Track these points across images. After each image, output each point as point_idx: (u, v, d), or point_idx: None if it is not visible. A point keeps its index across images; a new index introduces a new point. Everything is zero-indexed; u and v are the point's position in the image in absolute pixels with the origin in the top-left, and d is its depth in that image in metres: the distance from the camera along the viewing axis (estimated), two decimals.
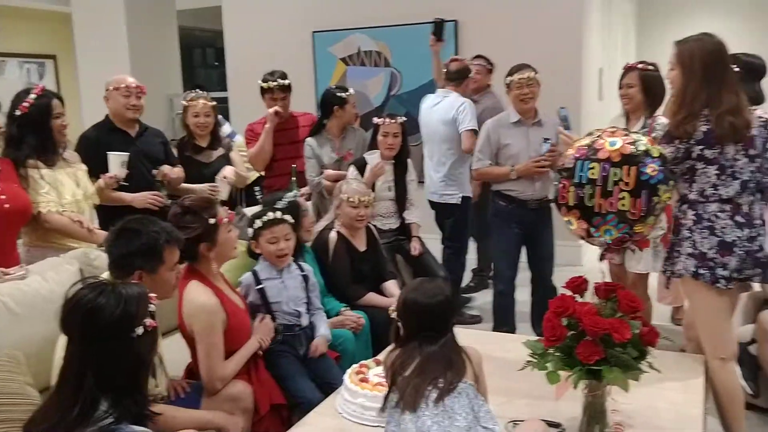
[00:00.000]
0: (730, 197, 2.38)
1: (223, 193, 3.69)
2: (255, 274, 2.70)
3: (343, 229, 3.32)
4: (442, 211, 4.43)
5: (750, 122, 2.38)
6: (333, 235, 3.28)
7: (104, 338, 1.53)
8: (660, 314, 3.50)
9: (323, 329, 2.76)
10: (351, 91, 4.10)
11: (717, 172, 2.37)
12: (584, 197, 2.00)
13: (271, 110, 3.99)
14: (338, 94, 4.03)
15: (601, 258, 2.15)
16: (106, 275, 2.19)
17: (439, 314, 1.85)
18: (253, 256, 2.89)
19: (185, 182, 3.66)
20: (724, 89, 2.34)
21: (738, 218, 2.38)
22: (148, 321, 1.58)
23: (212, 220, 2.36)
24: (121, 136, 3.45)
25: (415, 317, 1.85)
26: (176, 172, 3.58)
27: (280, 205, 2.87)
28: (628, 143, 1.96)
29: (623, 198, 1.95)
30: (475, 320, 4.53)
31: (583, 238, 2.07)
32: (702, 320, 2.50)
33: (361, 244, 3.37)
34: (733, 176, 2.37)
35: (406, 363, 1.81)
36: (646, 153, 1.97)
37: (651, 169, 1.96)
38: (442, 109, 4.31)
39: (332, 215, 3.41)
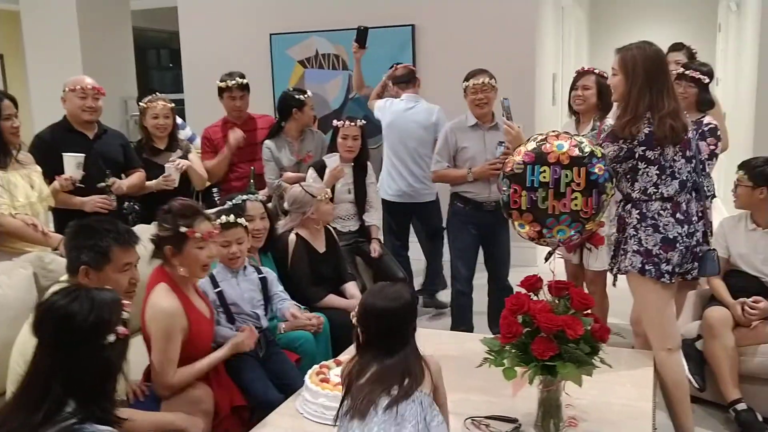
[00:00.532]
0: (670, 196, 2.51)
1: (175, 181, 3.67)
2: (212, 277, 2.69)
3: (303, 230, 3.33)
4: (412, 210, 4.51)
5: (687, 126, 2.54)
6: (292, 237, 3.29)
7: (75, 344, 1.53)
8: (618, 312, 3.60)
9: (288, 303, 2.84)
10: (309, 93, 4.12)
11: (657, 172, 2.50)
12: (537, 200, 2.05)
13: (232, 140, 3.98)
14: (297, 96, 4.04)
15: (547, 259, 2.21)
16: (64, 278, 2.17)
17: (399, 319, 1.80)
18: None
19: None
20: (665, 94, 2.47)
21: (678, 216, 2.51)
22: (120, 329, 1.58)
23: (183, 229, 2.34)
24: (78, 137, 3.39)
25: (375, 322, 1.80)
26: (129, 183, 3.52)
27: (228, 205, 2.89)
28: (573, 146, 2.04)
29: (576, 198, 2.03)
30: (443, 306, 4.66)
31: (533, 239, 2.13)
32: (648, 314, 2.61)
33: (320, 246, 3.38)
34: (672, 176, 2.50)
35: (362, 371, 1.76)
36: (592, 154, 2.04)
37: (598, 168, 2.04)
38: (420, 113, 4.41)
39: (290, 220, 3.38)
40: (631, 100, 2.46)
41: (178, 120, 4.92)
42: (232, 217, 2.70)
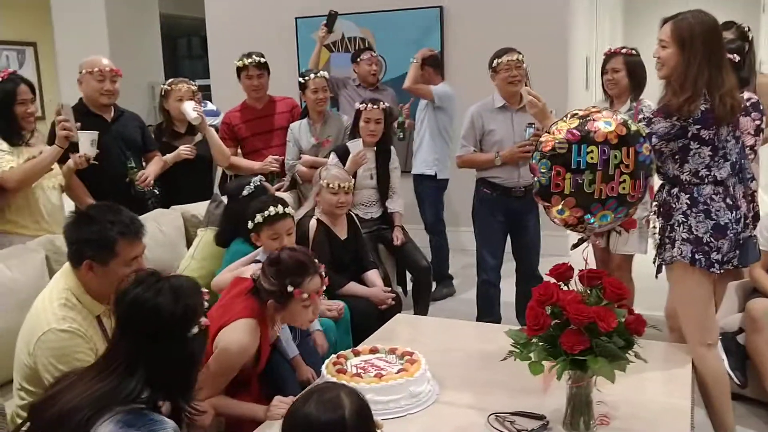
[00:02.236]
0: (723, 179, 2.33)
1: (197, 119, 3.62)
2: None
3: (324, 216, 3.23)
4: None
5: (741, 103, 2.34)
6: (313, 223, 3.20)
7: (162, 338, 1.52)
8: (644, 301, 3.44)
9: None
10: (315, 74, 3.95)
11: (710, 153, 2.31)
12: (583, 183, 1.86)
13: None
14: (299, 78, 3.98)
15: (576, 246, 2.07)
16: None
17: None
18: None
19: None
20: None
21: (728, 200, 2.34)
22: (203, 320, 1.58)
23: (290, 288, 2.13)
24: (96, 120, 3.33)
25: None
26: (155, 173, 3.47)
27: (246, 191, 2.84)
28: (620, 124, 1.88)
29: (624, 181, 1.86)
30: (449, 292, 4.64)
31: (570, 226, 1.97)
32: (690, 307, 2.43)
33: (342, 232, 3.28)
34: (724, 157, 2.33)
35: None
36: (638, 133, 1.88)
37: (646, 148, 1.88)
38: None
39: (312, 203, 3.32)
40: (689, 74, 2.25)
41: (212, 106, 4.87)
42: (280, 208, 2.59)
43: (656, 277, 2.59)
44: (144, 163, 3.55)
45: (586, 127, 1.88)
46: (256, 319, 2.16)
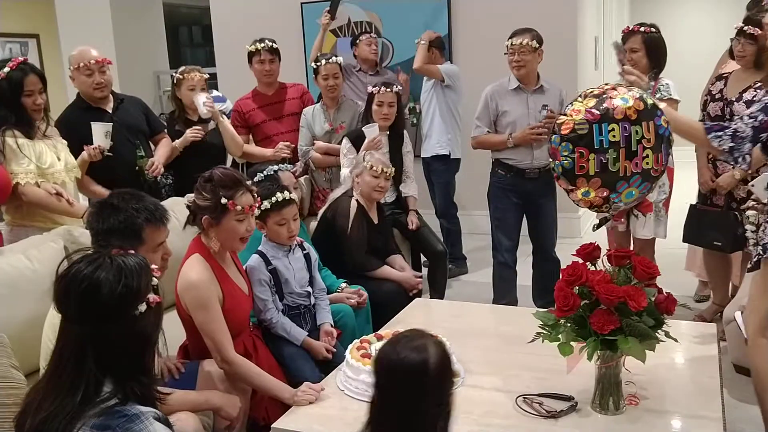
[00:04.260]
0: None
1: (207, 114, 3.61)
2: (263, 255, 2.59)
3: (361, 199, 3.24)
4: None
5: None
6: (354, 203, 3.20)
7: (105, 317, 1.40)
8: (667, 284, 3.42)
9: (327, 317, 2.68)
10: (327, 60, 3.90)
11: None
12: (608, 162, 1.84)
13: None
14: (312, 64, 3.97)
15: (599, 226, 2.04)
16: None
17: (412, 386, 1.34)
18: None
19: None
20: None
21: None
22: (151, 296, 1.45)
23: (224, 201, 2.21)
24: (97, 113, 3.29)
25: (382, 382, 1.39)
26: (164, 160, 3.44)
27: (257, 178, 2.82)
28: (636, 98, 1.85)
29: (647, 156, 1.84)
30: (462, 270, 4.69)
31: (594, 207, 1.94)
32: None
33: (374, 217, 3.31)
34: None
35: None
36: (655, 106, 1.86)
37: (663, 120, 1.85)
38: None
39: (350, 183, 3.32)
40: None
41: (218, 93, 4.84)
42: (286, 194, 2.58)
43: (749, 270, 2.46)
44: (153, 147, 3.52)
45: (604, 105, 1.85)
46: (199, 253, 2.26)
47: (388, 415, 1.37)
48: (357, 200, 3.22)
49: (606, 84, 2.04)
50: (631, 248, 3.40)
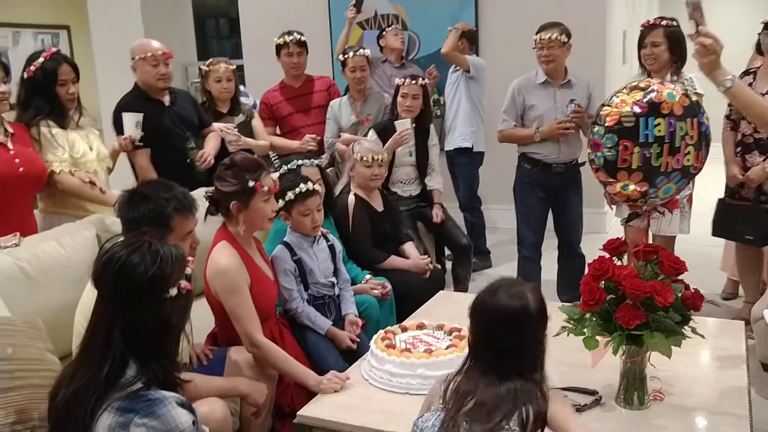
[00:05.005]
0: None
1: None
2: (288, 245, 2.62)
3: (360, 191, 3.24)
4: None
5: None
6: (351, 198, 3.21)
7: (135, 297, 1.46)
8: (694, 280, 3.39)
9: (352, 307, 2.70)
10: (355, 53, 3.92)
11: None
12: (651, 157, 1.82)
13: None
14: (338, 57, 3.95)
15: (629, 220, 2.02)
16: None
17: (513, 329, 1.46)
18: None
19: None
20: None
21: None
22: (183, 283, 1.51)
23: (251, 183, 2.26)
24: (156, 106, 3.31)
25: (482, 326, 1.50)
26: (214, 151, 3.43)
27: (281, 171, 2.83)
28: (683, 95, 1.83)
29: (689, 153, 1.82)
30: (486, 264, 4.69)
31: (630, 201, 1.92)
32: None
33: (378, 205, 3.30)
34: None
35: (467, 394, 1.45)
36: (698, 103, 1.84)
37: (706, 118, 1.84)
38: None
39: (346, 178, 3.33)
40: None
41: (243, 89, 4.87)
42: (309, 185, 2.61)
43: None
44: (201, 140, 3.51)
45: (652, 99, 1.83)
46: (225, 240, 2.31)
47: (489, 352, 1.48)
48: (355, 194, 3.21)
49: (648, 78, 2.02)
50: None
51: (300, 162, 2.93)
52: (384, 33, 4.70)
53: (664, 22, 3.28)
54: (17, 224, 2.60)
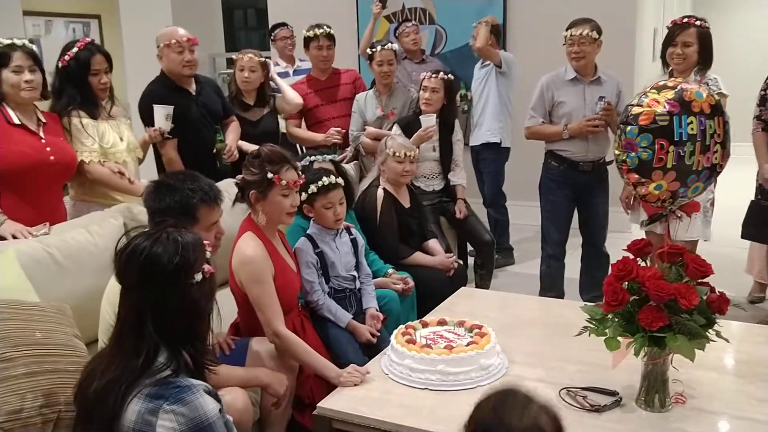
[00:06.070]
0: None
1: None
2: (311, 238, 2.64)
3: (389, 185, 3.25)
4: None
5: None
6: (380, 193, 3.21)
7: (162, 286, 1.50)
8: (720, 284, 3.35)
9: (373, 301, 2.71)
10: (387, 46, 3.90)
11: None
12: (684, 156, 1.79)
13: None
14: (367, 49, 3.98)
15: (650, 223, 2.00)
16: None
17: None
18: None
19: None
20: None
21: None
22: (206, 267, 1.55)
23: (270, 175, 2.29)
24: (183, 94, 3.34)
25: None
26: (237, 144, 3.47)
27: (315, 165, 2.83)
28: (708, 94, 1.81)
29: (716, 151, 1.80)
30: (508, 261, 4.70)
31: (659, 201, 1.89)
32: None
33: (405, 201, 3.31)
34: None
35: None
36: (720, 103, 1.82)
37: (728, 117, 1.82)
38: None
39: (376, 172, 3.33)
40: None
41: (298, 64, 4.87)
42: (332, 178, 2.63)
43: None
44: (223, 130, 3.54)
45: (683, 98, 1.81)
46: (250, 230, 2.34)
47: None
48: (384, 188, 3.22)
49: (672, 78, 2.00)
50: None
51: (312, 158, 2.92)
52: (397, 34, 4.67)
53: (697, 22, 3.15)
54: (47, 210, 2.66)
